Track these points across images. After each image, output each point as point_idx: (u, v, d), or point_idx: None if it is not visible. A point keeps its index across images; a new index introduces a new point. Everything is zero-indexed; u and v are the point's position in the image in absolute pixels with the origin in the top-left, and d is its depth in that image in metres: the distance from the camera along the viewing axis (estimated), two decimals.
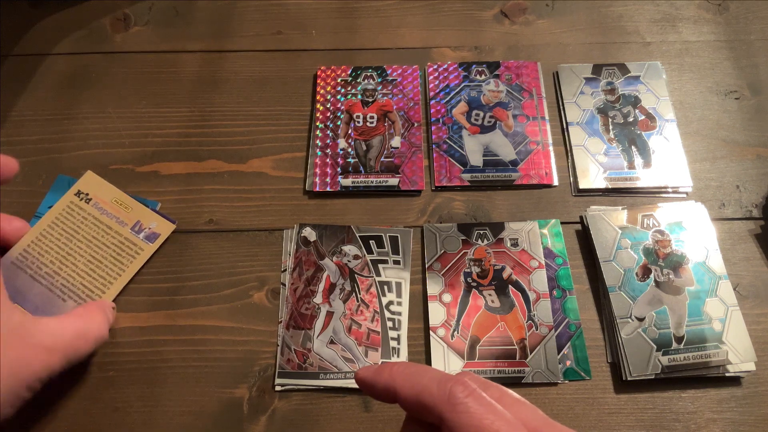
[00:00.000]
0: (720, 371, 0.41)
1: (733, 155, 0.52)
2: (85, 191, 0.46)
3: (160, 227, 0.46)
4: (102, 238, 0.45)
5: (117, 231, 0.45)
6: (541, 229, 0.48)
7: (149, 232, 0.46)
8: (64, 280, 0.43)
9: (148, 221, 0.46)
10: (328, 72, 0.55)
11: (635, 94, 0.54)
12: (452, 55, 0.57)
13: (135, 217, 0.46)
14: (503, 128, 0.52)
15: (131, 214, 0.46)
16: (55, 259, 0.44)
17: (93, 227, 0.45)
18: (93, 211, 0.45)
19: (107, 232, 0.45)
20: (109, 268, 0.44)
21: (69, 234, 0.44)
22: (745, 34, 0.58)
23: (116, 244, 0.45)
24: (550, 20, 0.59)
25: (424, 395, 0.24)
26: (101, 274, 0.44)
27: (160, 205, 0.49)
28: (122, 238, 0.45)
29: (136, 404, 0.41)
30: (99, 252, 0.45)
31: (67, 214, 0.45)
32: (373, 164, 0.51)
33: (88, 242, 0.44)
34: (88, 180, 0.47)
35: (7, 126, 0.53)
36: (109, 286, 0.44)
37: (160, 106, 0.54)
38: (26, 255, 0.43)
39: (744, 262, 0.47)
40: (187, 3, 0.60)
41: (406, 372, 0.25)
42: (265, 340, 0.44)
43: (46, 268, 0.43)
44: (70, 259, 0.44)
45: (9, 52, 0.57)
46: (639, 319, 0.43)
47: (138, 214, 0.46)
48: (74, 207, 0.45)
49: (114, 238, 0.45)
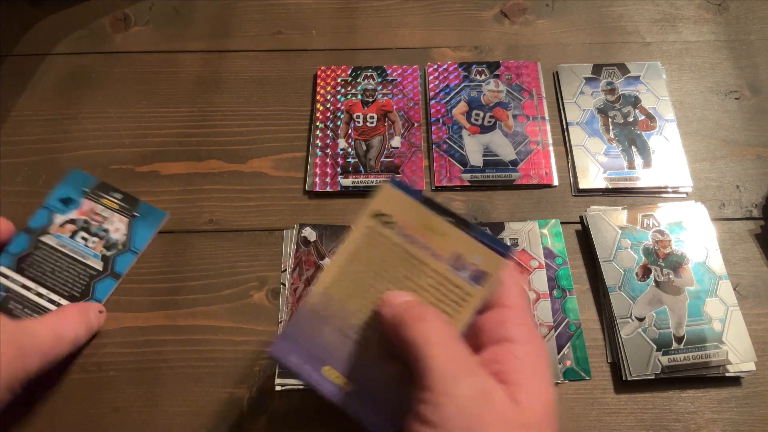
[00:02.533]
0: (720, 371, 0.41)
1: (733, 155, 0.52)
2: (386, 212, 0.33)
3: (487, 263, 0.31)
4: (415, 278, 0.31)
5: (433, 269, 0.31)
6: (541, 229, 0.48)
7: (474, 269, 0.31)
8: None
9: (470, 254, 0.31)
10: (328, 72, 0.55)
11: (635, 94, 0.54)
12: (452, 55, 0.57)
13: (451, 247, 0.32)
14: (503, 128, 0.52)
15: (447, 244, 0.32)
16: (361, 308, 0.32)
17: (402, 264, 0.32)
18: (400, 240, 0.32)
19: (421, 270, 0.31)
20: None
21: (375, 272, 0.32)
22: (745, 34, 0.58)
23: (434, 286, 0.31)
24: (550, 20, 0.59)
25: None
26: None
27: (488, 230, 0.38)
28: (441, 278, 0.31)
29: (136, 404, 0.41)
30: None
31: (368, 244, 0.32)
32: (373, 164, 0.50)
33: (398, 283, 0.32)
34: (387, 196, 0.33)
35: (7, 126, 0.53)
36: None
37: (160, 106, 0.54)
38: (328, 299, 0.32)
39: (744, 262, 0.47)
40: (187, 3, 0.60)
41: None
42: (265, 340, 0.44)
43: (353, 319, 0.31)
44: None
45: (9, 52, 0.57)
46: (639, 319, 0.43)
47: (455, 243, 0.32)
48: (374, 234, 0.32)
49: (432, 279, 0.31)
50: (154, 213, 0.48)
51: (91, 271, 0.45)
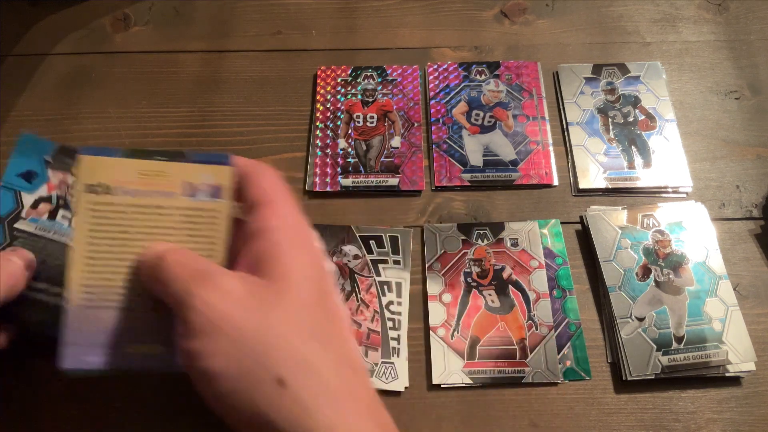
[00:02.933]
0: (720, 371, 0.41)
1: (733, 155, 0.52)
2: (96, 182, 0.31)
3: (216, 177, 0.31)
4: (161, 224, 0.31)
5: (171, 206, 0.31)
6: (541, 229, 0.48)
7: (207, 187, 0.31)
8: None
9: (196, 177, 0.31)
10: (328, 72, 0.55)
11: (635, 94, 0.54)
12: (452, 55, 0.57)
13: (176, 180, 0.31)
14: (503, 128, 0.52)
15: (171, 180, 0.31)
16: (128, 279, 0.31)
17: (141, 218, 0.31)
18: (126, 200, 0.31)
19: (161, 214, 0.31)
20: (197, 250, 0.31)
21: (121, 241, 0.31)
22: (745, 34, 0.58)
23: (182, 221, 0.31)
24: (550, 20, 0.59)
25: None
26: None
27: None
28: (183, 211, 0.31)
29: (135, 404, 0.41)
30: (171, 240, 0.31)
31: (98, 220, 0.31)
32: (373, 164, 0.50)
33: (149, 236, 0.31)
34: (89, 166, 0.31)
35: (7, 126, 0.53)
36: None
37: (160, 106, 0.54)
38: (91, 291, 0.31)
39: (744, 262, 0.47)
40: (187, 3, 0.60)
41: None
42: None
43: (128, 293, 0.31)
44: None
45: (9, 52, 0.57)
46: (639, 319, 0.43)
47: (178, 174, 0.32)
48: (99, 207, 0.31)
49: (175, 216, 0.31)
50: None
51: None
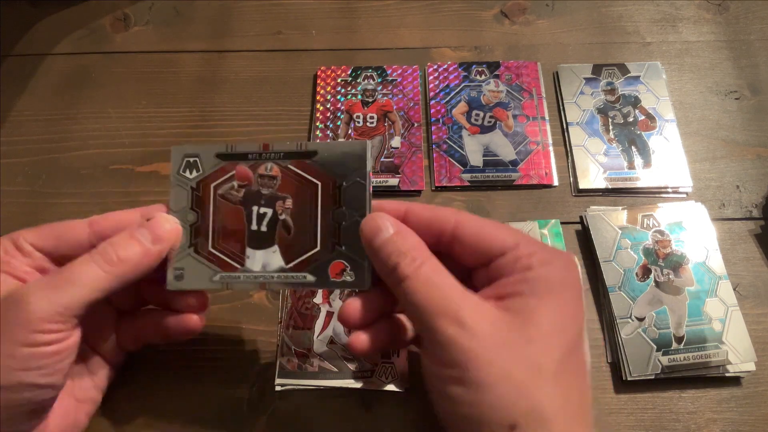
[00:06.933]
0: (720, 371, 0.41)
1: (733, 155, 0.52)
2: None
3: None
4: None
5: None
6: (541, 229, 0.48)
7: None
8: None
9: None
10: (328, 72, 0.55)
11: (635, 95, 0.54)
12: (452, 55, 0.57)
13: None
14: (503, 128, 0.52)
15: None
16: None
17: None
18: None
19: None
20: None
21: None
22: (745, 34, 0.58)
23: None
24: (550, 20, 0.59)
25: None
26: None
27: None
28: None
29: (134, 404, 0.41)
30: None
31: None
32: (374, 164, 0.50)
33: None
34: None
35: (7, 126, 0.53)
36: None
37: (160, 106, 0.54)
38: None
39: (744, 262, 0.47)
40: (187, 3, 0.60)
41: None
42: (265, 340, 0.44)
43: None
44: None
45: (9, 52, 0.57)
46: (639, 319, 0.43)
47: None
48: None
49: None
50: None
51: None
